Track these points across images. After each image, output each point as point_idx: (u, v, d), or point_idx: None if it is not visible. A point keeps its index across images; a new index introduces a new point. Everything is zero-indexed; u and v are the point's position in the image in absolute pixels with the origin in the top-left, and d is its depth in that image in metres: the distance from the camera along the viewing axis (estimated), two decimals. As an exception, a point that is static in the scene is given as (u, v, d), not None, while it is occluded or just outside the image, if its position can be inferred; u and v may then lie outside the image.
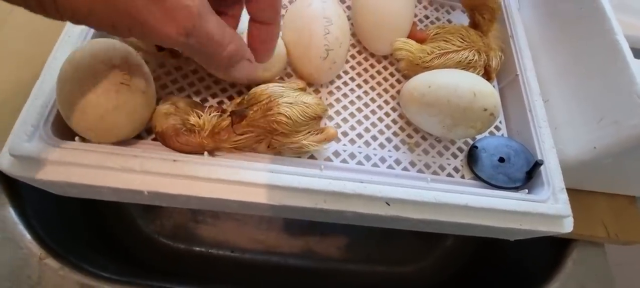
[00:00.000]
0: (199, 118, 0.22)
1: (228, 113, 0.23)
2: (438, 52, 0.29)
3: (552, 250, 0.37)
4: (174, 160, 0.22)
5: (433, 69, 0.28)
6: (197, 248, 0.49)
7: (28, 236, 0.28)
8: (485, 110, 0.25)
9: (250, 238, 0.51)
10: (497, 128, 0.31)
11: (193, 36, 0.15)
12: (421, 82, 0.27)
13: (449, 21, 0.36)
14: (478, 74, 0.29)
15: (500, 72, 0.32)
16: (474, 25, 0.31)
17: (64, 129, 0.22)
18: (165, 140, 0.22)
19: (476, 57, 0.29)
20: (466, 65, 0.29)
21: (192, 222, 0.49)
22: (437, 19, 0.36)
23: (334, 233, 0.52)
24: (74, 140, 0.22)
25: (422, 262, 0.52)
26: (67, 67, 0.19)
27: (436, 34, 0.30)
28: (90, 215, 0.41)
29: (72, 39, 0.24)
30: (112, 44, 0.20)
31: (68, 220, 0.37)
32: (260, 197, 0.22)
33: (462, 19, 0.36)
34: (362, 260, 0.51)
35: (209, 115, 0.22)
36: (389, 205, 0.24)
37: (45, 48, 0.24)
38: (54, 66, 0.23)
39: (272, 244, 0.51)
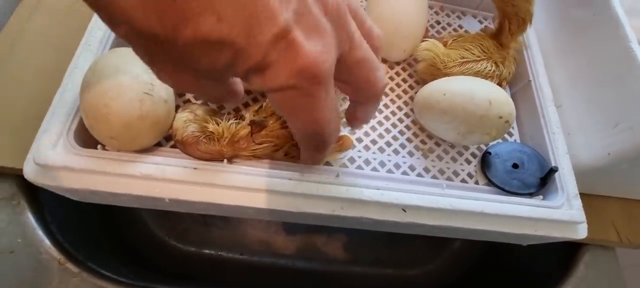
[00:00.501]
0: (218, 125, 0.22)
1: (247, 122, 0.23)
2: (459, 60, 0.29)
3: (563, 253, 0.38)
4: (195, 168, 0.22)
5: (451, 75, 0.28)
6: (207, 251, 0.49)
7: (47, 241, 0.29)
8: (501, 117, 0.25)
9: (259, 241, 0.51)
10: (510, 134, 0.31)
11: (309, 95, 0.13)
12: (436, 89, 0.27)
13: (460, 26, 0.36)
14: (493, 83, 0.29)
15: (512, 77, 0.32)
16: (496, 33, 0.30)
17: (86, 137, 0.22)
18: (185, 148, 0.22)
19: (494, 67, 0.29)
20: (484, 76, 0.29)
21: (201, 225, 0.50)
22: (448, 24, 0.36)
23: (342, 235, 0.52)
24: (96, 148, 0.22)
25: (429, 264, 0.52)
26: (91, 76, 0.20)
27: (455, 41, 0.30)
28: (105, 219, 0.41)
29: (93, 48, 0.25)
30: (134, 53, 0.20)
31: (85, 225, 0.38)
32: (279, 204, 0.23)
33: (472, 24, 0.36)
34: (369, 262, 0.51)
35: (227, 122, 0.23)
36: (405, 211, 0.24)
37: (63, 56, 0.25)
38: (75, 75, 0.23)
39: (280, 246, 0.51)
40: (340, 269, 0.51)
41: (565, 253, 0.37)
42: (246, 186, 0.22)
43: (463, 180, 0.28)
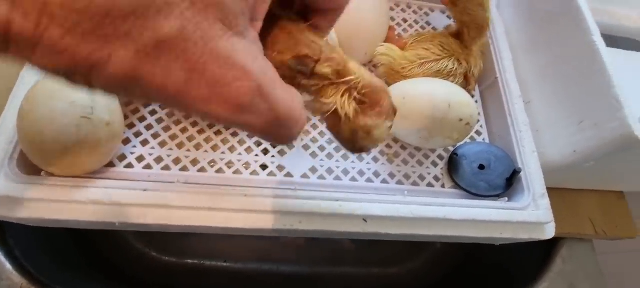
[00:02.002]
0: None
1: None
2: (418, 61, 0.28)
3: (541, 248, 0.37)
4: (144, 190, 0.22)
5: (412, 78, 0.28)
6: (189, 261, 0.49)
7: (9, 266, 0.28)
8: (461, 120, 0.24)
9: (242, 247, 0.51)
10: (479, 133, 0.30)
11: (251, 112, 0.11)
12: (396, 93, 0.26)
13: (428, 23, 0.35)
14: (457, 82, 0.29)
15: (481, 74, 0.31)
16: (457, 35, 0.30)
17: (30, 164, 0.22)
18: None
19: (456, 65, 0.28)
20: (446, 75, 0.28)
21: (182, 235, 0.49)
22: (416, 21, 0.35)
23: (325, 237, 0.52)
24: (40, 174, 0.21)
25: (414, 263, 0.52)
26: (25, 104, 0.19)
27: (415, 42, 0.29)
28: (78, 234, 0.40)
29: (32, 74, 0.24)
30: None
31: (54, 243, 0.37)
32: (233, 222, 0.22)
33: (442, 20, 0.36)
34: (353, 263, 0.51)
35: None
36: (366, 222, 0.24)
37: (6, 83, 0.24)
38: (14, 104, 0.22)
39: (265, 252, 0.51)
40: (324, 271, 0.51)
41: (544, 248, 0.37)
42: (197, 206, 0.22)
43: (429, 184, 0.27)
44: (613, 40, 0.43)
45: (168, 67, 0.10)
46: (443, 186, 0.27)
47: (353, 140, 0.16)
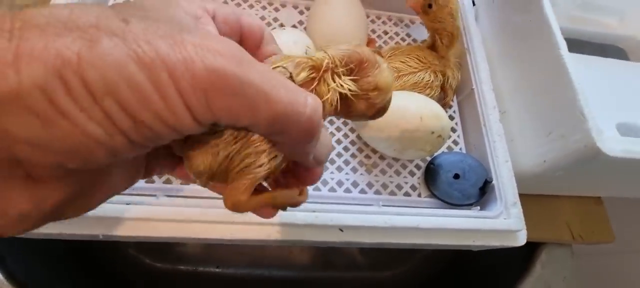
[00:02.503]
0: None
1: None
2: (395, 74, 0.29)
3: (521, 253, 0.38)
4: (127, 204, 0.23)
5: (387, 90, 0.29)
6: (183, 267, 0.50)
7: (1, 277, 0.29)
8: (433, 133, 0.25)
9: (234, 252, 0.51)
10: (456, 142, 0.31)
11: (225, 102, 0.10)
12: (372, 106, 0.27)
13: (409, 35, 0.36)
14: (434, 94, 0.30)
15: (458, 84, 0.32)
16: (432, 47, 0.31)
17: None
18: None
19: (432, 77, 0.29)
20: (423, 87, 0.29)
21: (171, 241, 0.50)
22: (397, 33, 0.36)
23: (302, 246, 0.53)
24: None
25: (403, 266, 0.53)
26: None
27: (392, 55, 0.30)
28: (71, 241, 0.41)
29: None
30: None
31: (47, 251, 0.38)
32: (213, 233, 0.23)
33: (422, 32, 0.37)
34: (344, 267, 0.52)
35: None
36: (342, 231, 0.25)
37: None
38: None
39: (256, 257, 0.52)
40: (316, 275, 0.52)
41: (524, 253, 0.38)
42: (178, 218, 0.23)
43: (406, 193, 0.28)
44: (596, 47, 0.44)
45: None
46: (420, 195, 0.28)
47: (371, 105, 0.16)
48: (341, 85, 0.15)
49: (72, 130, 0.09)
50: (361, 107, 0.16)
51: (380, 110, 0.16)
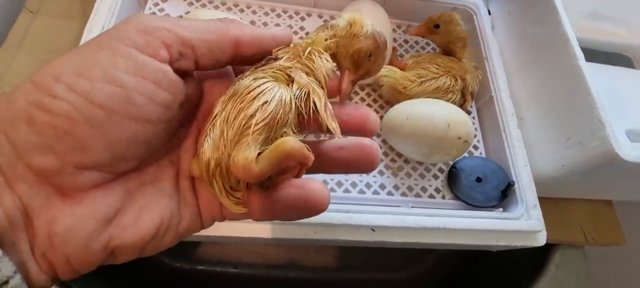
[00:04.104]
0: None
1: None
2: (418, 80, 0.31)
3: (536, 254, 0.40)
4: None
5: (413, 96, 0.30)
6: (201, 267, 0.51)
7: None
8: (459, 138, 0.27)
9: (251, 254, 0.53)
10: (476, 147, 0.33)
11: None
12: (400, 113, 0.29)
13: (428, 43, 0.38)
14: (455, 98, 0.31)
15: (477, 91, 0.34)
16: (448, 52, 0.33)
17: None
18: None
19: (453, 82, 0.31)
20: (445, 91, 0.31)
21: (195, 241, 0.51)
22: (416, 42, 0.38)
23: (337, 245, 0.54)
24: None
25: (418, 267, 0.54)
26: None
27: (414, 62, 0.32)
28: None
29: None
30: None
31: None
32: (254, 232, 0.25)
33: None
34: (360, 268, 0.53)
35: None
36: (374, 231, 0.26)
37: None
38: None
39: (273, 258, 0.53)
40: (332, 276, 0.53)
41: (539, 253, 0.39)
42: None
43: (431, 196, 0.30)
44: (603, 55, 0.46)
45: None
46: (443, 197, 0.30)
47: (357, 44, 0.16)
48: (316, 42, 0.15)
49: None
50: (350, 51, 0.16)
51: (369, 45, 0.16)
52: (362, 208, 0.26)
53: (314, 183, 0.14)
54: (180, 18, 0.14)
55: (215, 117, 0.14)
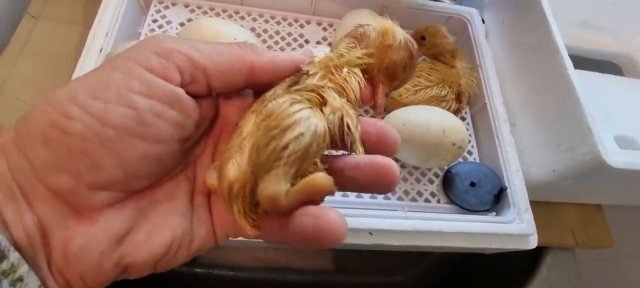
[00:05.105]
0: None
1: None
2: (413, 88, 0.32)
3: (529, 256, 0.41)
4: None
5: (408, 104, 0.31)
6: (198, 270, 0.51)
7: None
8: (454, 144, 0.28)
9: (249, 257, 0.53)
10: (470, 153, 0.34)
11: None
12: (397, 119, 0.29)
13: (424, 52, 0.39)
14: (450, 106, 0.32)
15: (470, 98, 0.35)
16: (438, 60, 0.34)
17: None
18: None
19: (447, 90, 0.32)
20: (440, 99, 0.32)
21: (192, 245, 0.51)
22: (413, 50, 0.39)
23: (334, 248, 0.54)
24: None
25: (414, 269, 0.55)
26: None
27: (412, 72, 0.33)
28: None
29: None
30: None
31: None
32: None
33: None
34: (357, 271, 0.54)
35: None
36: (371, 234, 0.27)
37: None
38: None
39: (271, 261, 0.53)
40: (329, 279, 0.53)
41: (531, 256, 0.40)
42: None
43: (426, 200, 0.31)
44: (593, 63, 0.47)
45: None
46: (439, 201, 0.31)
47: (388, 56, 0.16)
48: (350, 61, 0.15)
49: None
50: (384, 64, 0.16)
51: (404, 57, 0.16)
52: (359, 212, 0.27)
53: (331, 213, 0.13)
54: (199, 41, 0.14)
55: (244, 138, 0.13)
